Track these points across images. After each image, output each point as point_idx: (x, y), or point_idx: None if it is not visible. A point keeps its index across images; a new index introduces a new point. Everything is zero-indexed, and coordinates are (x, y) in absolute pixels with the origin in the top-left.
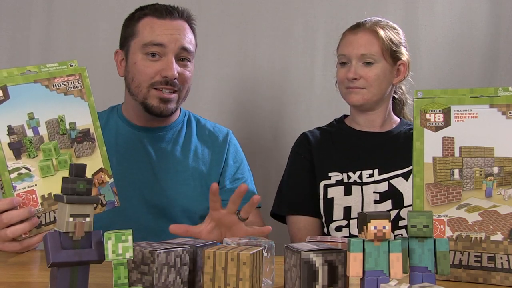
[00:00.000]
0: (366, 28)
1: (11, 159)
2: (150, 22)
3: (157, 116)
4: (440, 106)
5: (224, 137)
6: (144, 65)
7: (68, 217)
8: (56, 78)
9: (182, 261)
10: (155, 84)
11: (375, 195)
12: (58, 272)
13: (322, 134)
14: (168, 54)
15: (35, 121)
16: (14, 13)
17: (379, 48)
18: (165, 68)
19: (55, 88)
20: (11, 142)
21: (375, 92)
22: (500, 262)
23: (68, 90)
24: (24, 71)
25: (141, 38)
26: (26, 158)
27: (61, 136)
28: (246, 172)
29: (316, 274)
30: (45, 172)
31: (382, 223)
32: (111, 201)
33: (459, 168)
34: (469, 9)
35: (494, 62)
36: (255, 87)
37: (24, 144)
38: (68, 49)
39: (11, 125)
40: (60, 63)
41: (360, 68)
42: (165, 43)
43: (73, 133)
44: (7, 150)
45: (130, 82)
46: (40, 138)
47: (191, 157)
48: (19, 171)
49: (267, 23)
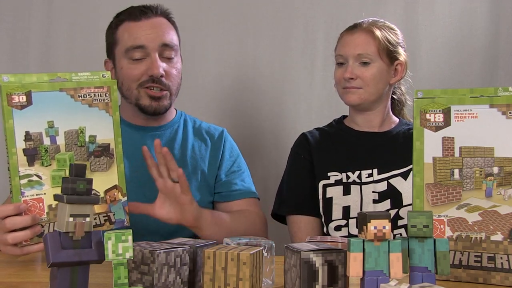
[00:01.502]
0: (362, 28)
1: (23, 165)
2: (127, 27)
3: (152, 114)
4: (440, 106)
5: (219, 134)
6: (130, 68)
7: (68, 217)
8: (84, 89)
9: (182, 261)
10: (143, 84)
11: (374, 195)
12: (58, 272)
13: (321, 134)
14: (150, 53)
15: (54, 130)
16: (14, 13)
17: (376, 48)
18: (150, 67)
19: (80, 99)
20: (26, 148)
21: (372, 92)
22: (500, 262)
23: (94, 102)
24: (54, 78)
25: (122, 45)
26: (39, 165)
27: (79, 148)
28: (242, 166)
29: (316, 274)
30: (56, 182)
31: (382, 223)
32: (120, 220)
33: (459, 168)
34: (469, 9)
35: (494, 62)
36: (255, 87)
37: (39, 152)
38: (68, 49)
39: (29, 131)
40: (93, 73)
41: (356, 68)
42: (145, 44)
43: (91, 146)
44: (21, 156)
45: (121, 87)
46: (56, 148)
47: (189, 155)
48: (30, 177)
49: (267, 23)
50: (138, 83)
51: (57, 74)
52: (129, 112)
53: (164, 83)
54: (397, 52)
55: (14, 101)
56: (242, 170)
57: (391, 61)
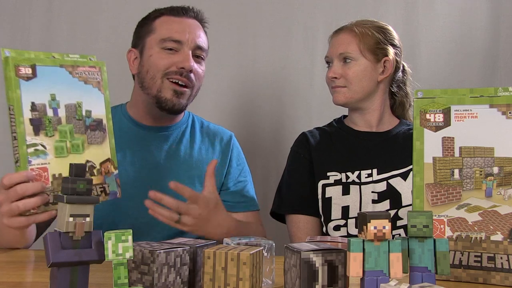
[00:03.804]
0: (346, 28)
1: (30, 134)
2: (167, 19)
3: (169, 110)
4: (440, 106)
5: (228, 139)
6: (160, 57)
7: (68, 217)
8: (79, 67)
9: (182, 261)
10: (169, 74)
11: (373, 195)
12: (58, 272)
13: (321, 134)
14: (184, 49)
15: (56, 103)
16: (14, 13)
17: (357, 45)
18: (181, 60)
19: (77, 76)
20: (32, 118)
21: (356, 90)
22: (500, 262)
23: (88, 80)
24: (49, 57)
25: (158, 34)
26: (44, 136)
27: (77, 121)
28: (248, 175)
29: (316, 274)
30: (58, 152)
31: (382, 223)
32: (113, 191)
33: (459, 168)
34: (469, 9)
35: (494, 62)
36: (255, 87)
37: (43, 122)
38: (68, 49)
39: (34, 102)
40: (81, 56)
41: (340, 67)
42: (182, 39)
43: (88, 120)
44: (28, 125)
45: (145, 76)
46: (58, 119)
47: (195, 157)
48: (35, 147)
49: (267, 23)
50: (164, 72)
51: (51, 54)
52: (140, 109)
53: (191, 79)
54: (384, 50)
55: (21, 72)
56: (247, 180)
57: (377, 59)
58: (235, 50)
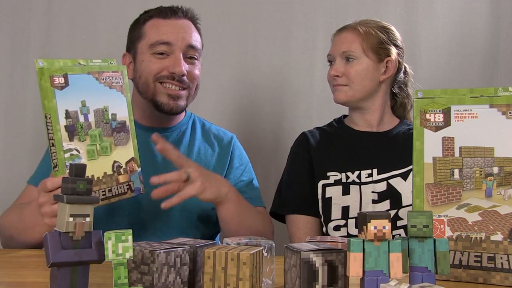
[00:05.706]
0: (350, 27)
1: (65, 140)
2: (156, 22)
3: (168, 113)
4: (440, 106)
5: (228, 141)
6: (151, 62)
7: (68, 217)
8: (104, 73)
9: (182, 261)
10: (161, 79)
11: (373, 195)
12: (58, 272)
13: (321, 134)
14: (175, 51)
15: (86, 109)
16: (14, 13)
17: (360, 45)
18: (172, 65)
19: (103, 81)
20: (67, 125)
21: (357, 89)
22: (500, 262)
23: (112, 85)
24: (75, 63)
25: (148, 39)
26: (77, 141)
27: (105, 124)
28: (252, 175)
29: (316, 274)
30: (90, 155)
31: (382, 223)
32: (138, 188)
33: (459, 168)
34: (469, 9)
35: (494, 62)
36: (255, 87)
37: (76, 128)
38: (68, 49)
39: (68, 109)
40: (103, 60)
41: (342, 66)
42: (172, 41)
43: (113, 123)
44: (63, 132)
45: (138, 81)
46: (88, 124)
47: (194, 158)
48: (71, 152)
49: (267, 23)
50: (156, 77)
51: (77, 61)
52: (139, 111)
53: (185, 82)
54: (387, 50)
55: (55, 82)
56: (251, 179)
57: (379, 59)
58: (235, 50)
